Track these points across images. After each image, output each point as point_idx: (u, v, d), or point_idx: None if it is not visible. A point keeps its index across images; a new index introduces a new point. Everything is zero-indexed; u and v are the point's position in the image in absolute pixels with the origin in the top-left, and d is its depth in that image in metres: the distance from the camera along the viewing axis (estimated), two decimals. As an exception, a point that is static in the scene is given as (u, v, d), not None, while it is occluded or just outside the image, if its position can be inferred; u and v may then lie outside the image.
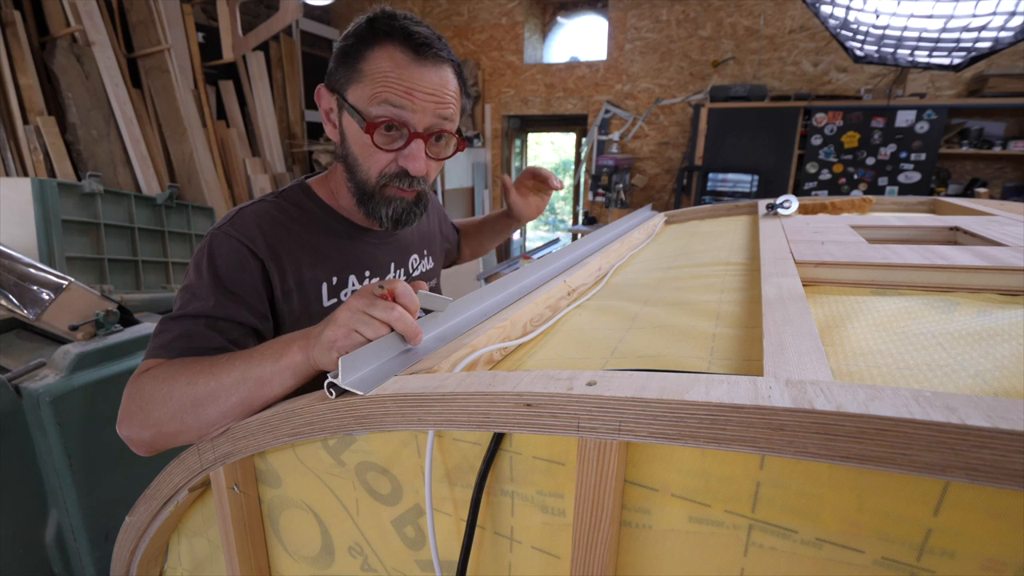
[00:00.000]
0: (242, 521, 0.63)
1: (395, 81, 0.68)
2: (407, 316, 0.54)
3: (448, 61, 0.72)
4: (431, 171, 0.77)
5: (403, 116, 0.69)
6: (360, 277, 0.83)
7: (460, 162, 4.71)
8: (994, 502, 0.30)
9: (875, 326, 0.55)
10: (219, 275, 0.68)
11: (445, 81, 0.71)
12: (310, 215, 0.79)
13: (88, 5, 3.18)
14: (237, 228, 0.71)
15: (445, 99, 0.71)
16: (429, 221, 1.04)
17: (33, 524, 1.29)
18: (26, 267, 1.42)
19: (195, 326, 0.65)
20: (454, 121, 0.75)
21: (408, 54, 0.68)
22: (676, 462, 0.39)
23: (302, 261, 0.75)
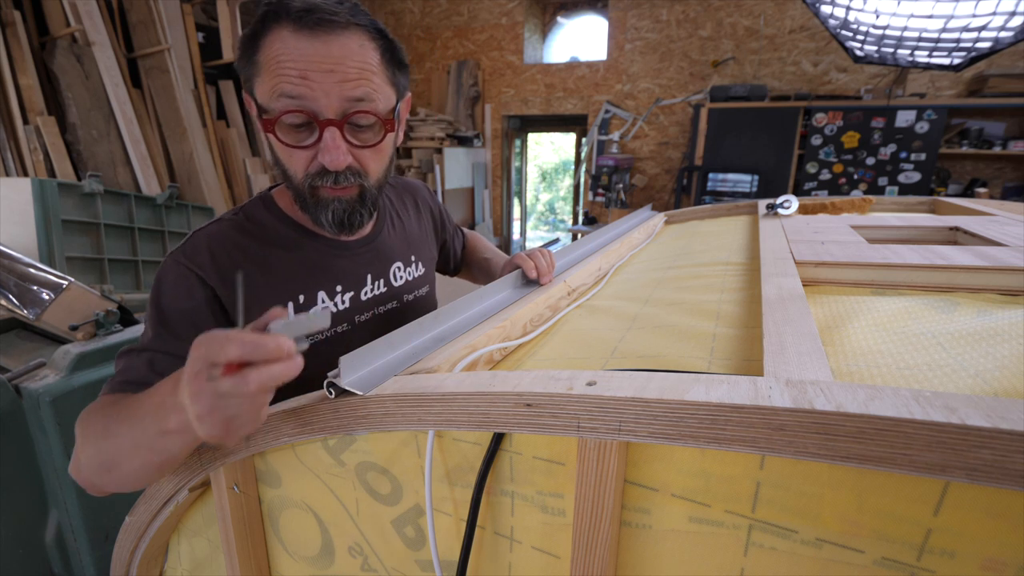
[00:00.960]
0: (242, 521, 0.63)
1: (287, 65, 0.59)
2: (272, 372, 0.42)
3: (352, 25, 0.61)
4: (366, 163, 0.67)
5: (305, 105, 0.60)
6: (330, 292, 0.75)
7: (460, 162, 4.71)
8: (994, 502, 0.30)
9: (875, 326, 0.55)
10: (162, 306, 0.64)
11: (348, 52, 0.60)
12: (270, 230, 0.73)
13: (88, 5, 3.18)
14: (187, 255, 0.66)
15: (349, 73, 0.60)
16: (421, 220, 0.96)
17: (33, 524, 1.29)
18: (26, 267, 1.42)
19: (137, 360, 0.63)
20: (376, 98, 0.63)
21: (296, 30, 0.59)
22: (676, 462, 0.39)
23: (262, 283, 0.69)
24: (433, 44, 5.06)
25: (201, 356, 0.42)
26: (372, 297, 0.80)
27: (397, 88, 0.68)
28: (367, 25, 0.63)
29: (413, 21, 5.08)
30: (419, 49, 5.11)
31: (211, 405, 0.42)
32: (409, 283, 0.88)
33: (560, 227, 8.27)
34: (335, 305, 0.75)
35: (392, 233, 0.86)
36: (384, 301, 0.82)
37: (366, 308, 0.79)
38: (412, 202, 0.96)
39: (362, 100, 0.62)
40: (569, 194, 6.25)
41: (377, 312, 0.81)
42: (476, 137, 4.86)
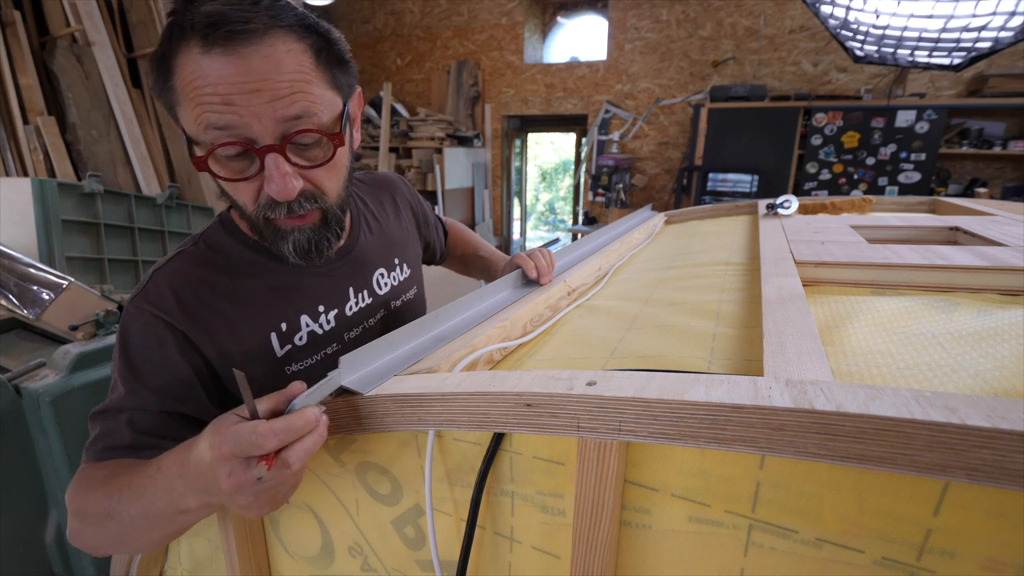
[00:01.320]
0: (242, 521, 0.63)
1: (206, 93, 0.50)
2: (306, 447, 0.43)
3: (273, 29, 0.51)
4: (321, 182, 0.59)
5: (237, 134, 0.52)
6: (313, 314, 0.69)
7: (460, 162, 4.71)
8: (994, 502, 0.30)
9: (875, 326, 0.55)
10: (131, 359, 0.59)
11: (274, 64, 0.51)
12: (235, 258, 0.66)
13: (88, 5, 3.18)
14: (150, 300, 0.60)
15: (280, 89, 0.51)
16: (402, 217, 0.90)
17: (33, 524, 1.29)
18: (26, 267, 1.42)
19: (113, 423, 0.59)
20: (317, 111, 0.55)
21: (206, 48, 0.50)
22: (676, 462, 0.39)
23: (236, 318, 0.64)
24: (433, 44, 5.06)
25: (230, 454, 0.42)
26: (359, 310, 0.76)
27: (341, 89, 0.59)
28: (292, 24, 0.53)
29: (413, 21, 5.08)
30: (419, 49, 5.11)
31: (255, 493, 0.43)
32: (395, 288, 0.83)
33: (560, 227, 8.27)
34: (320, 326, 0.70)
35: (369, 238, 0.80)
36: (372, 312, 0.78)
37: (355, 323, 0.75)
38: (390, 199, 0.90)
39: (301, 117, 0.53)
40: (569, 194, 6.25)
41: (367, 325, 0.77)
42: (476, 137, 4.86)
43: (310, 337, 0.69)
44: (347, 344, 0.74)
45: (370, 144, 4.73)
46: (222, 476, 0.43)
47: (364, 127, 4.84)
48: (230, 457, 0.42)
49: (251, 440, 0.41)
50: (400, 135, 4.65)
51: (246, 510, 0.45)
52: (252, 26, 0.50)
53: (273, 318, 0.66)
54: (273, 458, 0.42)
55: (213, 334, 0.62)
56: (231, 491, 0.43)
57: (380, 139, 4.56)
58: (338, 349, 0.72)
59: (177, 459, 0.48)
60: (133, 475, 0.52)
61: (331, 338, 0.72)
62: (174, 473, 0.48)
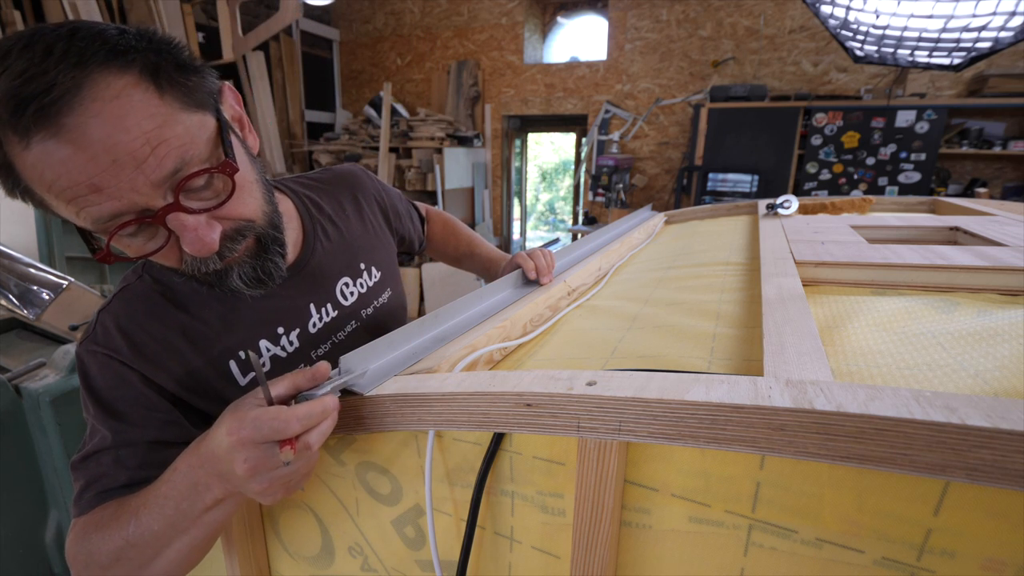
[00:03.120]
0: (242, 521, 0.63)
1: (66, 188, 0.43)
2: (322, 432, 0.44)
3: (87, 79, 0.41)
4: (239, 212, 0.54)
5: (126, 215, 0.45)
6: (273, 337, 0.66)
7: (460, 162, 4.71)
8: (994, 502, 0.30)
9: (875, 326, 0.55)
10: (100, 399, 0.57)
11: (111, 123, 0.42)
12: (181, 289, 0.62)
13: (88, 5, 3.18)
14: (99, 343, 0.57)
15: (139, 152, 0.43)
16: (366, 216, 0.83)
17: (33, 524, 1.29)
18: (26, 267, 1.42)
19: (99, 467, 0.56)
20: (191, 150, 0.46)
21: (23, 138, 0.41)
22: (676, 462, 0.39)
23: (190, 351, 0.60)
24: (433, 44, 5.05)
25: (249, 440, 0.42)
26: (324, 326, 0.71)
27: (202, 103, 0.49)
28: (100, 59, 0.42)
29: (413, 21, 5.08)
30: (419, 49, 5.11)
31: (273, 478, 0.44)
32: (364, 296, 0.78)
33: (560, 227, 8.27)
34: (283, 349, 0.67)
35: (327, 247, 0.74)
36: (341, 325, 0.74)
37: (321, 339, 0.71)
38: (350, 197, 0.83)
39: (178, 170, 0.46)
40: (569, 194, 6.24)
41: (336, 339, 0.73)
42: (476, 137, 4.85)
43: (273, 361, 0.66)
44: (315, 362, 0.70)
45: (370, 144, 4.73)
46: (238, 461, 0.42)
47: (364, 127, 4.83)
48: (248, 443, 0.42)
49: (273, 426, 0.41)
50: (400, 135, 4.65)
51: (261, 496, 0.45)
52: (60, 89, 0.40)
53: (230, 347, 0.63)
54: (295, 442, 0.42)
55: (168, 369, 0.59)
56: (247, 476, 0.43)
57: (380, 139, 4.56)
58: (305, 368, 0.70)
59: (192, 453, 0.48)
60: (146, 494, 0.50)
61: (297, 358, 0.68)
62: (193, 465, 0.47)
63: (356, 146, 4.74)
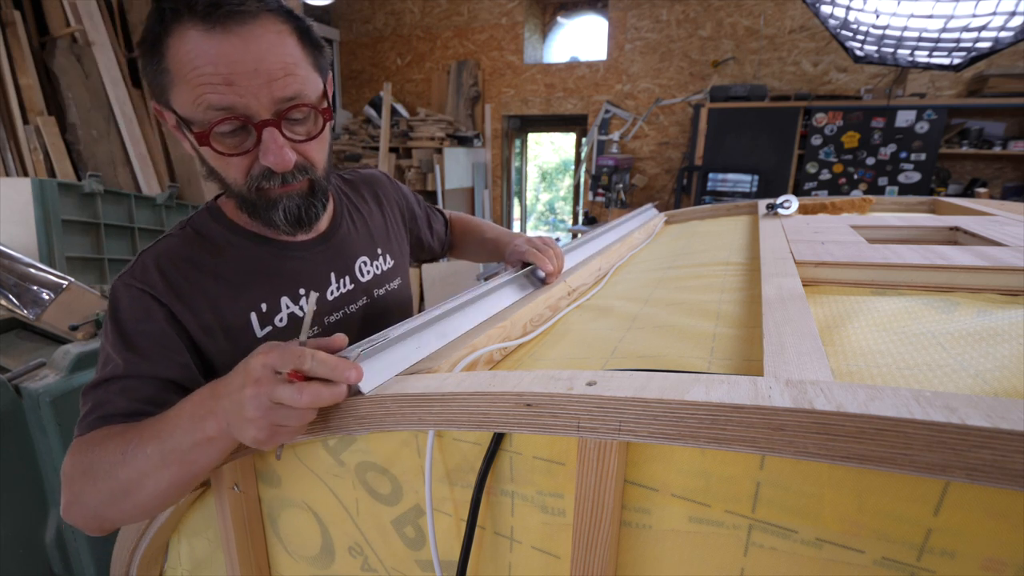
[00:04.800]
0: (242, 521, 0.63)
1: (207, 72, 0.54)
2: (323, 393, 0.46)
3: (264, 13, 0.56)
4: (310, 155, 0.64)
5: (235, 111, 0.56)
6: (294, 296, 0.71)
7: (460, 162, 4.71)
8: (994, 502, 0.30)
9: (875, 326, 0.55)
10: (123, 331, 0.61)
11: (269, 44, 0.56)
12: (219, 240, 0.69)
13: (88, 5, 3.18)
14: (136, 276, 0.63)
15: (275, 71, 0.56)
16: (385, 212, 0.91)
17: (33, 524, 1.29)
18: (26, 267, 1.42)
19: (105, 394, 0.60)
20: (306, 91, 0.60)
21: (205, 28, 0.54)
22: (676, 462, 0.39)
23: (218, 295, 0.66)
24: (433, 44, 5.05)
25: (269, 363, 0.46)
26: (340, 296, 0.77)
27: (321, 71, 0.64)
28: (276, 9, 0.58)
29: (413, 21, 5.08)
30: (419, 49, 5.11)
31: (265, 409, 0.46)
32: (378, 277, 0.84)
33: (560, 227, 8.27)
34: (300, 309, 0.72)
35: (352, 228, 0.82)
36: (354, 298, 0.79)
37: (335, 308, 0.76)
38: (372, 194, 0.91)
39: (294, 97, 0.59)
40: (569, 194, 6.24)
41: (348, 311, 0.78)
42: (476, 137, 4.85)
43: (291, 319, 0.71)
44: (327, 328, 0.75)
45: (370, 144, 4.73)
46: (251, 373, 0.46)
47: (364, 127, 4.84)
48: (267, 365, 0.46)
49: (299, 353, 0.45)
50: (400, 135, 4.65)
51: (250, 424, 0.46)
52: (247, 8, 0.55)
53: (254, 298, 0.69)
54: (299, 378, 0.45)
55: (196, 309, 0.64)
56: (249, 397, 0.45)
57: (380, 139, 4.55)
58: (317, 333, 0.73)
59: (206, 387, 0.52)
60: (151, 422, 0.54)
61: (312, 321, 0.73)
62: (204, 397, 0.51)
63: (356, 146, 4.74)
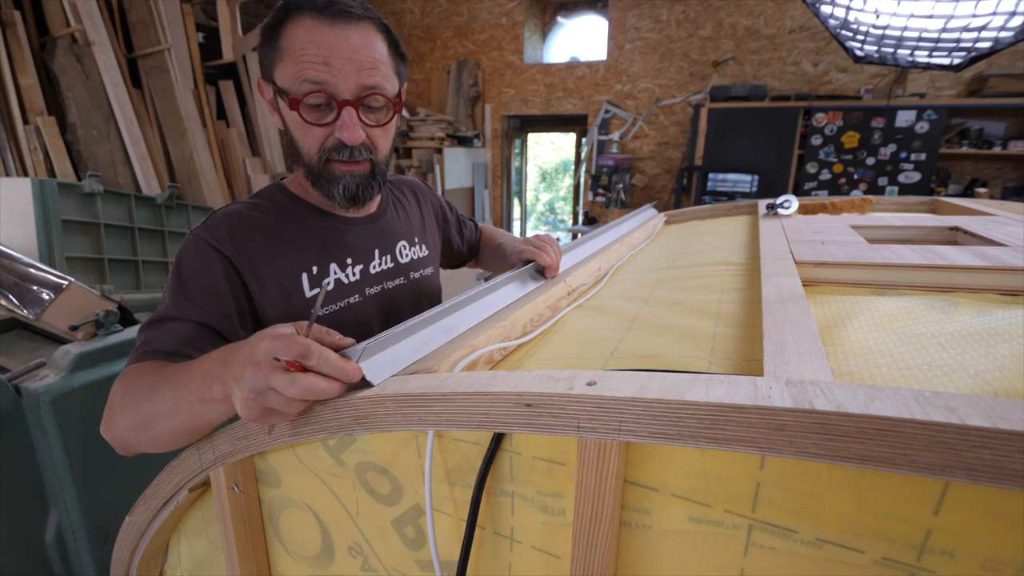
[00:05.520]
0: (242, 521, 0.63)
1: (311, 52, 0.67)
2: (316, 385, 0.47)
3: (366, 19, 0.70)
4: (376, 140, 0.75)
5: (326, 87, 0.68)
6: (342, 264, 0.81)
7: (460, 162, 4.71)
8: (994, 502, 0.30)
9: (875, 326, 0.55)
10: (182, 276, 0.70)
11: (364, 42, 0.69)
12: (284, 209, 0.80)
13: (88, 5, 3.18)
14: (207, 229, 0.72)
15: (365, 62, 0.69)
16: (423, 210, 1.01)
17: (33, 524, 1.29)
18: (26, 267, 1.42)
19: (155, 332, 0.67)
20: (385, 85, 0.72)
21: (318, 20, 0.67)
22: (676, 462, 0.39)
23: (276, 252, 0.75)
24: (433, 44, 5.05)
25: (269, 349, 0.48)
26: (381, 271, 0.86)
27: (399, 77, 0.77)
28: (376, 19, 0.72)
29: (413, 21, 5.08)
30: (419, 49, 5.11)
31: (257, 391, 0.48)
32: (415, 261, 0.93)
33: (560, 227, 8.27)
34: (346, 276, 0.81)
35: (396, 215, 0.93)
36: (392, 276, 0.88)
37: (375, 282, 0.85)
38: (412, 193, 1.02)
39: (375, 87, 0.70)
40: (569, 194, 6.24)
41: (386, 287, 0.86)
42: (476, 137, 4.85)
43: (336, 284, 0.80)
44: (367, 299, 0.83)
45: (370, 144, 4.73)
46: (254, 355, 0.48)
47: (364, 127, 4.83)
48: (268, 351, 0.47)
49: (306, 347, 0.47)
50: (400, 135, 4.65)
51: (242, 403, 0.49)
52: (354, 11, 0.69)
53: (307, 260, 0.77)
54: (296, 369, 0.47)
55: (254, 262, 0.73)
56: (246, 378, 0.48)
57: (380, 139, 4.55)
58: (359, 300, 0.82)
59: (225, 347, 0.55)
60: (177, 368, 0.60)
61: (354, 289, 0.82)
62: (216, 359, 0.55)
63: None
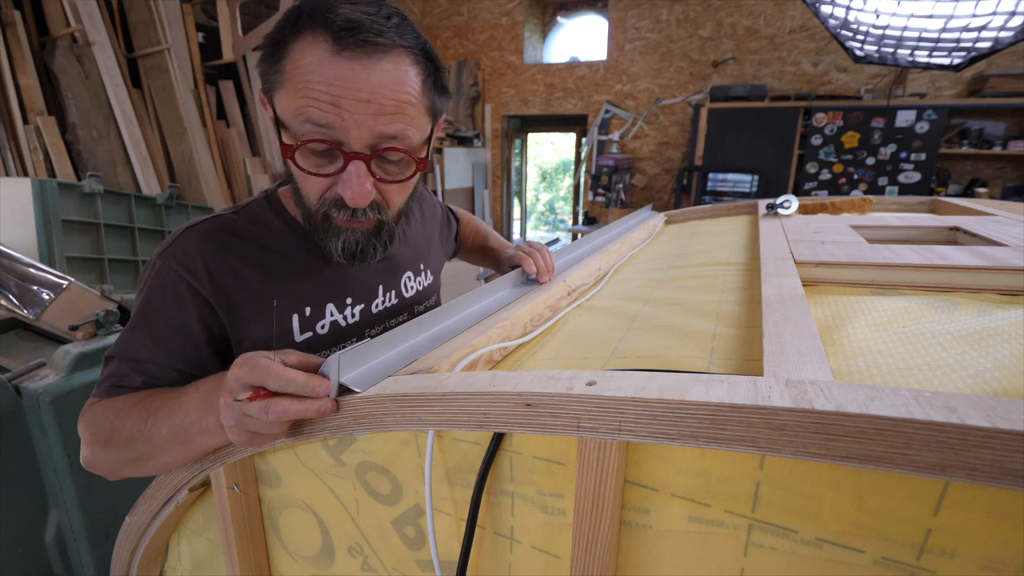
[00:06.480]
0: (242, 521, 0.63)
1: (318, 88, 0.52)
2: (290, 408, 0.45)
3: (397, 48, 0.54)
4: (390, 197, 0.61)
5: (331, 134, 0.54)
6: (340, 304, 0.70)
7: (460, 162, 4.71)
8: (994, 502, 0.30)
9: (875, 326, 0.55)
10: (151, 313, 0.61)
11: (388, 80, 0.53)
12: (274, 234, 0.66)
13: (88, 5, 3.18)
14: (177, 258, 0.61)
15: (386, 106, 0.54)
16: (427, 228, 0.92)
17: (33, 524, 1.29)
18: (26, 267, 1.42)
19: (121, 367, 0.61)
20: (410, 134, 0.57)
21: (333, 49, 0.52)
22: (676, 462, 0.39)
23: (262, 291, 0.63)
24: (433, 44, 5.03)
25: (239, 376, 0.47)
26: (383, 309, 0.77)
27: (434, 115, 0.61)
28: (413, 46, 0.56)
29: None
30: (419, 49, 5.11)
31: (237, 419, 0.48)
32: (420, 293, 0.84)
33: (560, 227, 8.27)
34: (344, 318, 0.70)
35: (404, 241, 0.82)
36: (395, 313, 0.79)
37: (377, 321, 0.76)
38: (419, 209, 0.91)
39: (395, 137, 0.56)
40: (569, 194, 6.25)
41: (389, 325, 0.77)
42: (476, 137, 4.85)
43: (332, 327, 0.69)
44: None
45: (370, 144, 4.73)
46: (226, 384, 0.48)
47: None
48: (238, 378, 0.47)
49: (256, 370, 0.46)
50: (400, 135, 4.64)
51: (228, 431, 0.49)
52: (382, 40, 0.53)
53: (299, 301, 0.66)
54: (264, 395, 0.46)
55: (235, 304, 0.62)
56: (223, 406, 0.48)
57: (380, 139, 4.55)
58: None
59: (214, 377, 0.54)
60: (167, 398, 0.57)
61: (352, 332, 0.72)
62: (211, 387, 0.53)
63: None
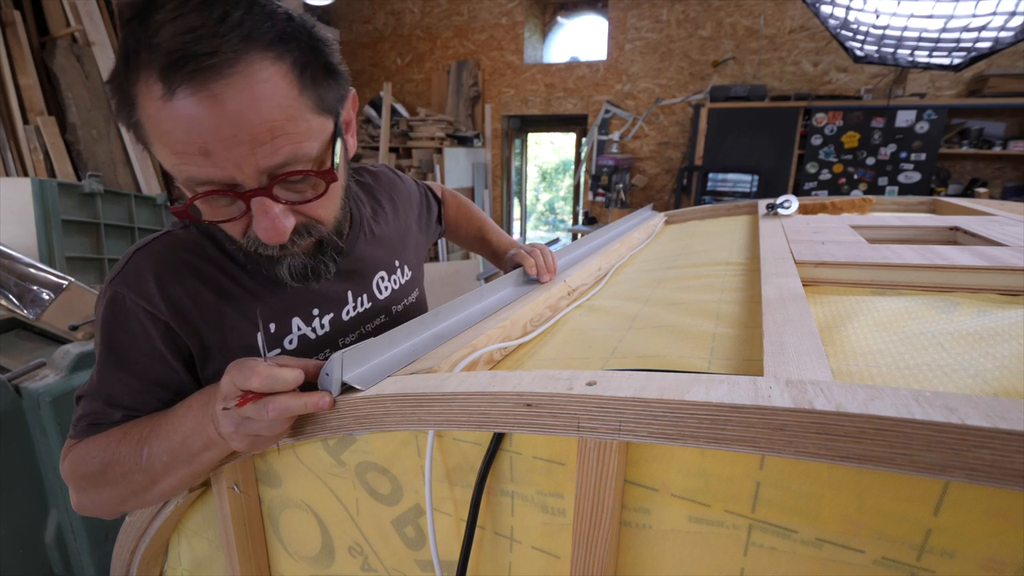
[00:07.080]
0: (242, 521, 0.63)
1: (180, 140, 0.44)
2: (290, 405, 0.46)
3: (242, 58, 0.43)
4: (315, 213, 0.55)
5: (219, 182, 0.47)
6: (307, 317, 0.66)
7: (460, 162, 4.71)
8: (994, 502, 0.30)
9: (875, 326, 0.55)
10: (115, 347, 0.57)
11: (250, 103, 0.44)
12: (227, 247, 0.61)
13: (88, 5, 3.18)
14: (131, 285, 0.56)
15: (259, 134, 0.45)
16: (400, 219, 0.85)
17: (33, 524, 1.29)
18: (26, 267, 1.42)
19: (94, 404, 0.59)
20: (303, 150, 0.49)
21: (169, 90, 0.42)
22: (676, 462, 0.39)
23: (222, 311, 0.60)
24: (433, 44, 5.05)
25: (231, 382, 0.47)
26: (356, 315, 0.73)
27: (330, 109, 0.52)
28: (270, 40, 0.45)
29: (413, 21, 5.08)
30: (419, 49, 5.11)
31: (236, 424, 0.48)
32: (396, 292, 0.80)
33: (560, 227, 8.27)
34: (314, 330, 0.67)
35: (370, 239, 0.76)
36: (371, 317, 0.75)
37: (350, 329, 0.72)
38: (389, 199, 0.84)
39: (285, 164, 0.48)
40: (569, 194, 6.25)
41: (364, 331, 0.74)
42: (476, 137, 4.85)
43: (301, 342, 0.66)
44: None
45: (370, 144, 4.73)
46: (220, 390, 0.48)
47: (364, 127, 4.84)
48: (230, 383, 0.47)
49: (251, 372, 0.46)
50: (400, 135, 4.65)
51: (229, 439, 0.50)
52: (221, 57, 0.42)
53: (262, 315, 0.63)
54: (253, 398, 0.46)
55: (195, 329, 0.59)
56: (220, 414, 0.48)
57: (380, 139, 4.56)
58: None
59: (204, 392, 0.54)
60: (156, 423, 0.56)
61: (324, 344, 0.69)
62: (203, 401, 0.53)
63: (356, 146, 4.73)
